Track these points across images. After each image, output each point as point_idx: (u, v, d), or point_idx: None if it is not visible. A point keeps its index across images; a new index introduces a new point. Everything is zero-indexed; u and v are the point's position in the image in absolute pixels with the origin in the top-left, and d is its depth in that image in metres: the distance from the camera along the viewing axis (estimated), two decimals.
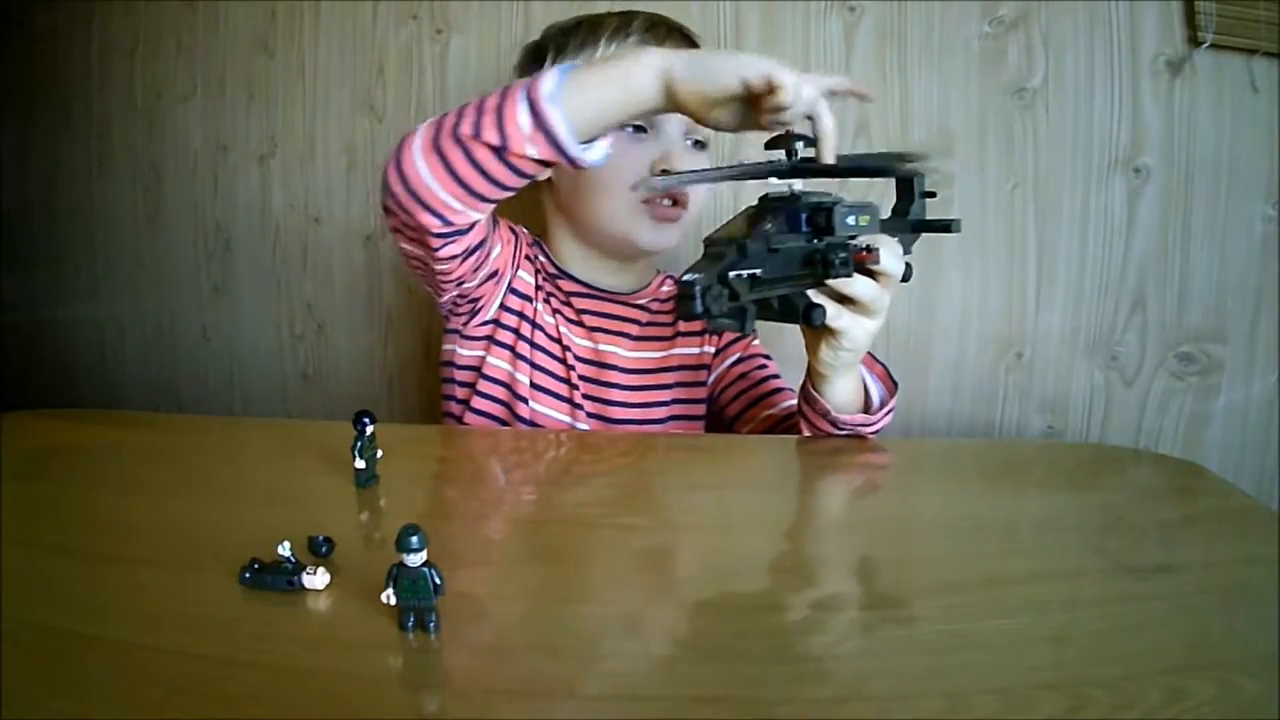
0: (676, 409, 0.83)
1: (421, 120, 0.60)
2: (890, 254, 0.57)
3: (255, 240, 1.24)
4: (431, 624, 0.37)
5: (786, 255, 0.52)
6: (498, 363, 0.77)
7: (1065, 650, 0.37)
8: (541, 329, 0.78)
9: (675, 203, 0.76)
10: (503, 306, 0.77)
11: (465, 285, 0.71)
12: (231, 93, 1.22)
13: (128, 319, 1.35)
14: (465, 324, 0.77)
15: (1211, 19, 0.89)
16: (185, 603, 0.40)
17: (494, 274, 0.73)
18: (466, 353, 0.78)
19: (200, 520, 0.51)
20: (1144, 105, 0.95)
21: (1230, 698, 0.33)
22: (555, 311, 0.79)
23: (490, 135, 0.55)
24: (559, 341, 0.78)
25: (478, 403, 0.78)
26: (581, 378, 0.78)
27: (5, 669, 0.34)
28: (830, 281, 0.55)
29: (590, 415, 0.78)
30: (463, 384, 0.79)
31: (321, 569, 0.41)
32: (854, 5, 1.00)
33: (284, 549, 0.41)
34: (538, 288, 0.79)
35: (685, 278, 0.46)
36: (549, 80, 0.54)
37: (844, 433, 0.67)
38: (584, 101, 0.54)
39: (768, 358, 0.86)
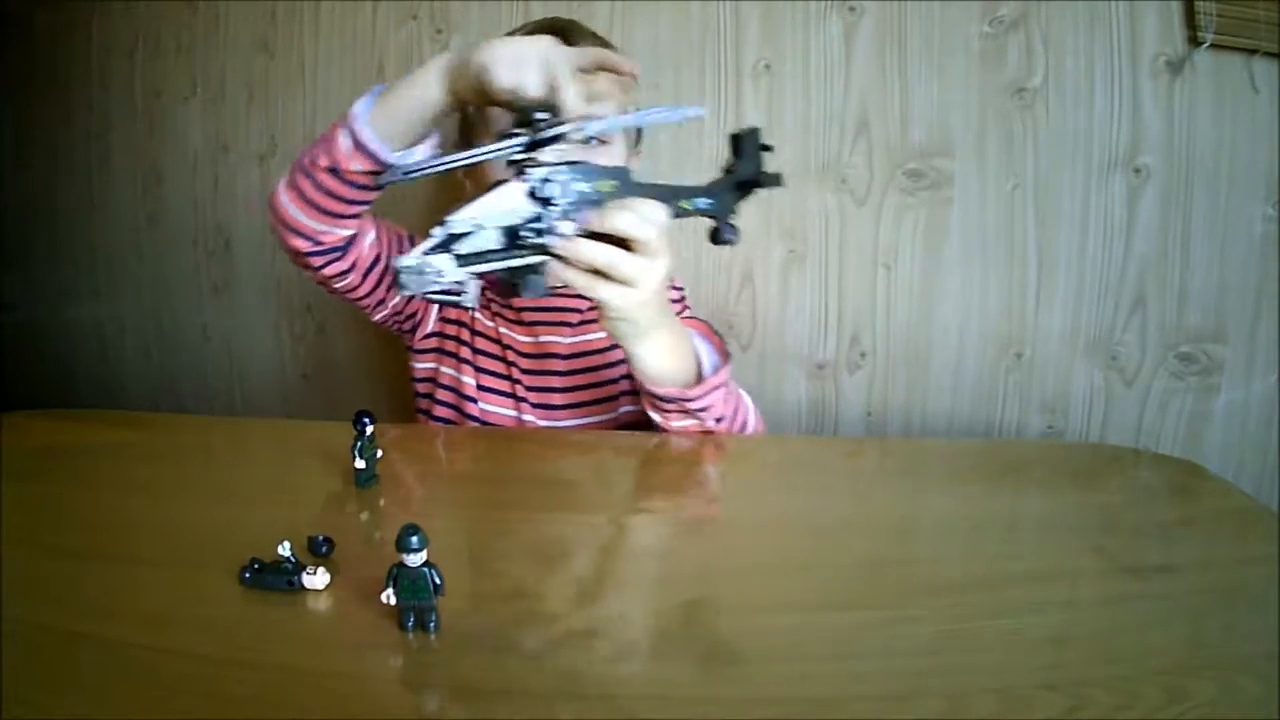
0: (628, 385, 0.81)
1: None
2: (628, 217, 0.55)
3: (255, 240, 1.24)
4: (431, 624, 0.37)
5: (494, 231, 0.53)
6: (446, 370, 0.83)
7: (1065, 650, 0.37)
8: (482, 335, 0.82)
9: None
10: (442, 319, 0.83)
11: (394, 300, 0.79)
12: (231, 93, 1.22)
13: (128, 319, 1.35)
14: (412, 339, 0.85)
15: (1211, 19, 0.89)
16: (185, 603, 0.40)
17: None
18: (420, 365, 0.85)
19: (200, 520, 0.51)
20: (1144, 105, 0.95)
21: (1230, 698, 0.33)
22: (496, 315, 0.83)
23: (323, 160, 0.66)
24: (499, 342, 0.82)
25: (437, 410, 0.83)
26: (524, 371, 0.81)
27: (5, 669, 0.34)
28: (556, 249, 0.54)
29: (535, 406, 0.81)
30: (424, 395, 0.85)
31: (321, 569, 0.41)
32: (854, 5, 1.00)
33: (284, 549, 0.41)
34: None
35: (393, 262, 0.50)
36: (360, 103, 0.64)
37: (671, 408, 0.65)
38: (389, 115, 0.64)
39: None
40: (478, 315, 0.82)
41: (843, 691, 0.34)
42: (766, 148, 0.60)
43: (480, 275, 0.54)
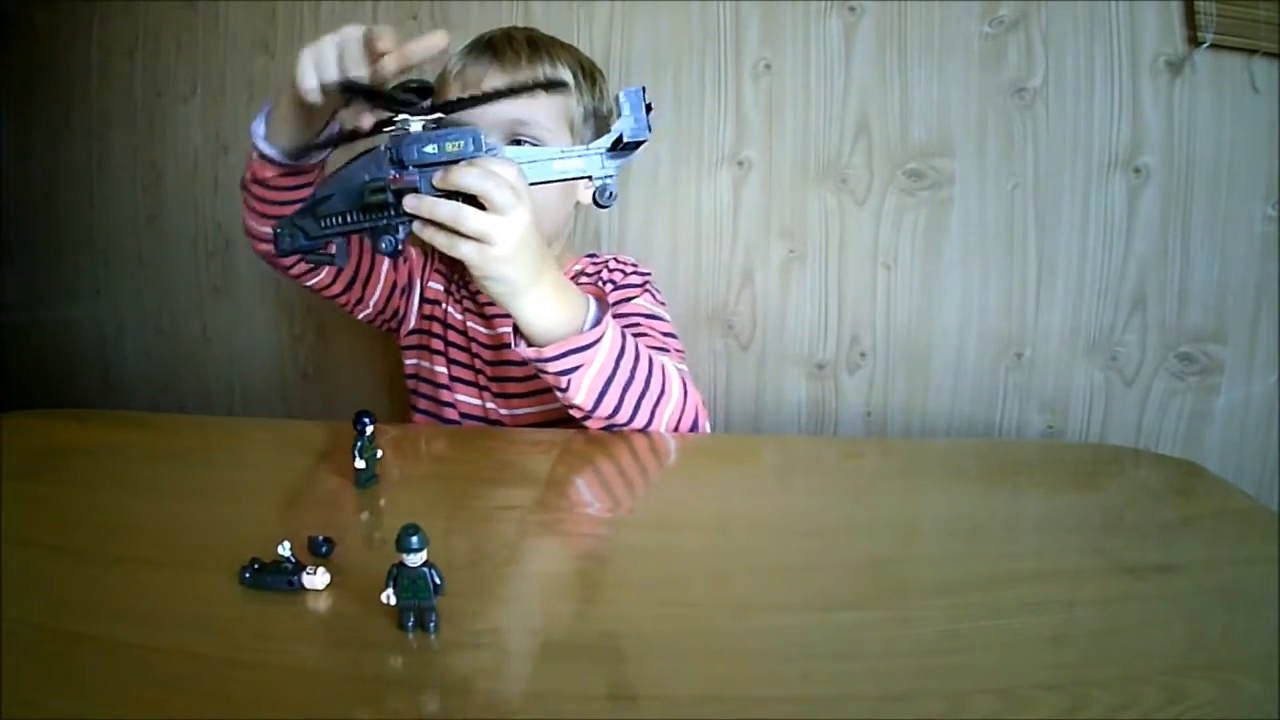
0: None
1: None
2: (472, 173, 0.56)
3: None
4: (431, 624, 0.37)
5: (347, 193, 0.57)
6: (425, 364, 0.88)
7: (1065, 650, 0.37)
8: (453, 328, 0.86)
9: None
10: (422, 315, 0.88)
11: (373, 299, 0.85)
12: (231, 93, 1.22)
13: (128, 319, 1.35)
14: (399, 335, 0.90)
15: (1211, 19, 0.89)
16: (185, 603, 0.40)
17: (394, 287, 0.86)
18: (407, 362, 0.90)
19: (200, 520, 0.51)
20: (1144, 105, 0.95)
21: (1230, 698, 0.33)
22: (465, 310, 0.86)
23: (248, 174, 0.73)
24: (465, 334, 0.85)
25: (420, 403, 0.88)
26: (486, 362, 0.84)
27: (5, 669, 0.34)
28: (407, 207, 0.57)
29: (496, 395, 0.84)
30: (412, 391, 0.90)
31: (321, 569, 0.41)
32: (854, 5, 1.00)
33: (284, 549, 0.41)
34: (449, 293, 0.88)
35: (275, 224, 0.58)
36: (258, 121, 0.71)
37: (544, 371, 0.65)
38: (278, 121, 0.69)
39: (651, 317, 0.81)
40: (450, 309, 0.87)
41: (843, 691, 0.34)
42: (648, 108, 0.59)
43: (343, 234, 0.58)
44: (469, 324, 0.85)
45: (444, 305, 0.87)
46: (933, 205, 1.01)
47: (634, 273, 0.86)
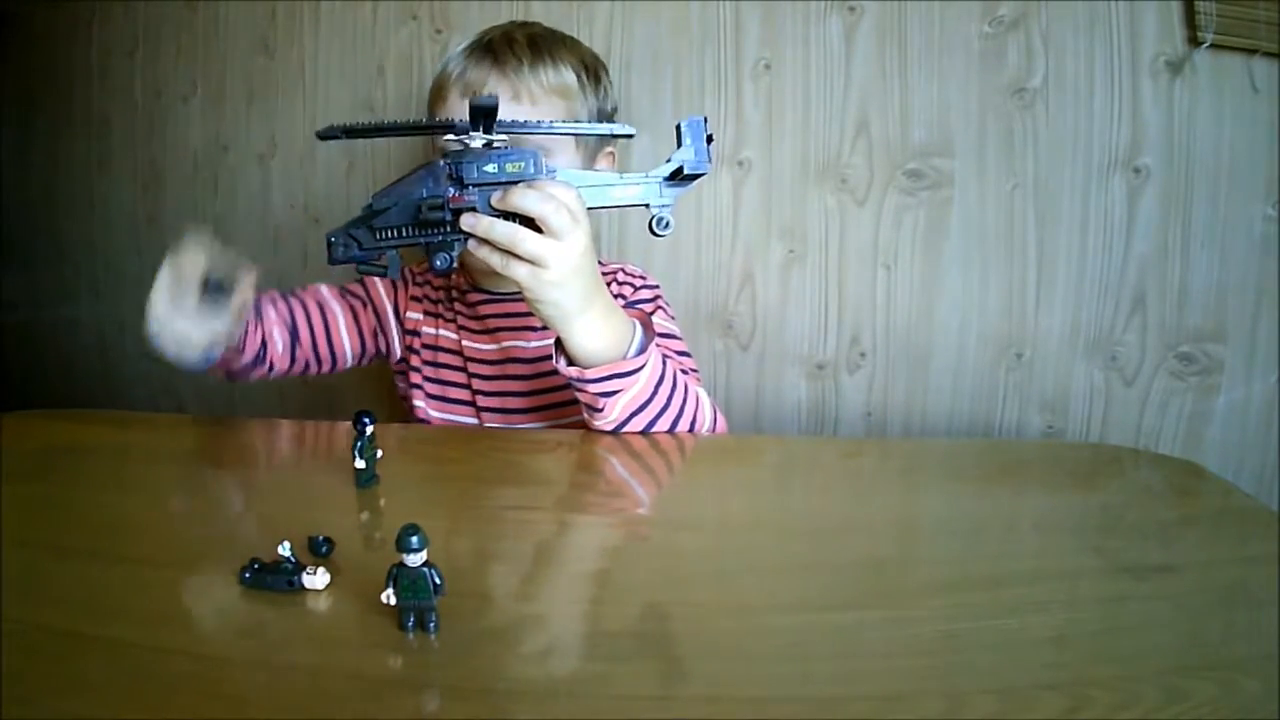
0: None
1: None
2: (531, 195, 0.56)
3: (255, 240, 1.23)
4: (431, 624, 0.37)
5: (405, 207, 0.57)
6: (414, 388, 0.86)
7: (1065, 650, 0.37)
8: (443, 348, 0.85)
9: None
10: (407, 348, 0.87)
11: (345, 355, 0.85)
12: (231, 93, 1.22)
13: (128, 318, 1.35)
14: (391, 364, 0.90)
15: (1211, 19, 0.89)
16: (185, 603, 0.40)
17: (362, 334, 0.86)
18: (400, 385, 0.90)
19: (200, 520, 0.51)
20: (1144, 105, 0.94)
21: (1230, 698, 0.33)
22: (460, 328, 0.84)
23: (220, 374, 0.76)
24: (459, 354, 0.84)
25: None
26: (484, 379, 0.83)
27: (5, 669, 0.34)
28: (464, 225, 0.57)
29: (495, 411, 0.83)
30: (408, 412, 0.89)
31: (321, 569, 0.41)
32: (854, 5, 1.00)
33: (284, 549, 0.41)
34: (437, 315, 0.86)
35: (328, 233, 0.58)
36: (197, 358, 0.70)
37: (582, 394, 0.66)
38: (185, 347, 0.71)
39: (666, 335, 0.80)
40: (441, 332, 0.85)
41: (843, 691, 0.34)
42: (709, 139, 0.59)
43: (396, 247, 0.59)
44: (465, 344, 0.83)
45: (433, 330, 0.85)
46: (933, 205, 1.01)
47: (644, 286, 0.84)
